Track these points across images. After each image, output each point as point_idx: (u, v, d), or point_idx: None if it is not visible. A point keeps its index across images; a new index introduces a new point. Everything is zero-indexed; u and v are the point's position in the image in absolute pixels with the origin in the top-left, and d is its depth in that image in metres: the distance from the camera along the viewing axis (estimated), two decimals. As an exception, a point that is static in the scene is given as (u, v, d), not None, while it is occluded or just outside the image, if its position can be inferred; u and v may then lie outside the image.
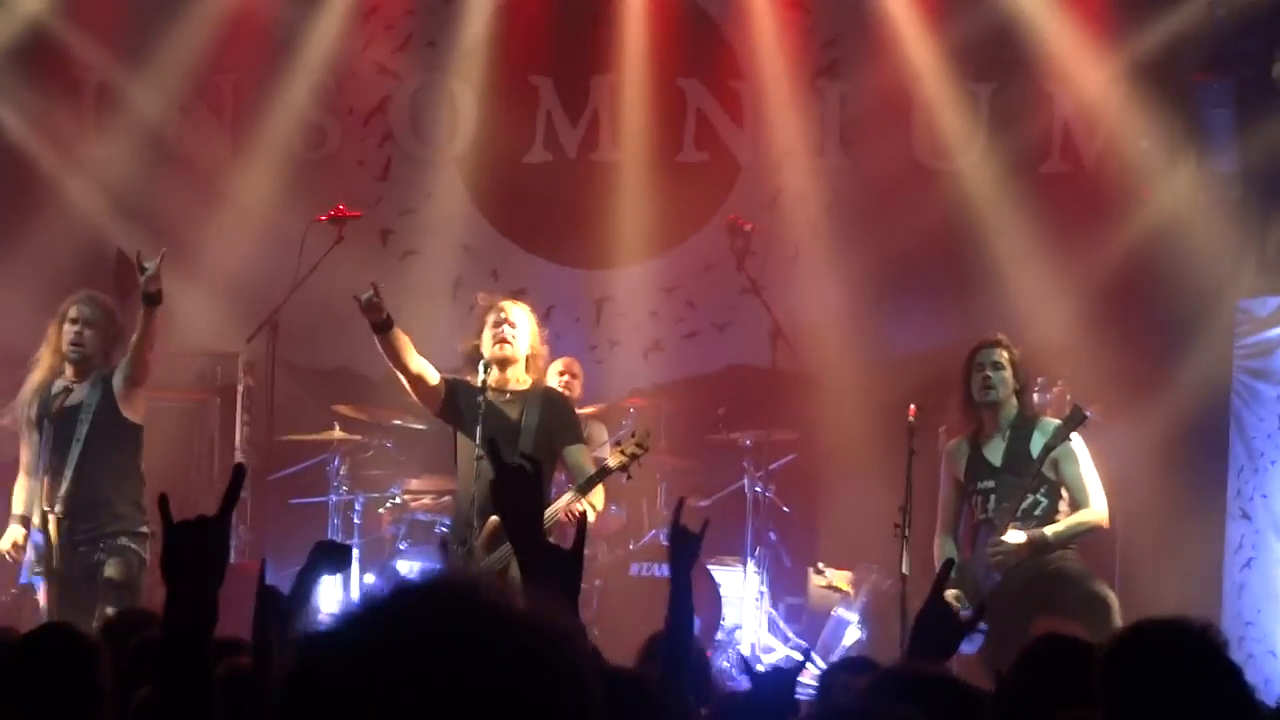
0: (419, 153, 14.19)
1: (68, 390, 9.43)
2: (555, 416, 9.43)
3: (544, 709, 1.65)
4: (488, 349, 9.19)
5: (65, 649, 4.29)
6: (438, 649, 1.66)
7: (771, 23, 13.85)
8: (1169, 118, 13.19)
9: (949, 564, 5.41)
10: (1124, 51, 13.15)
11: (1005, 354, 9.48)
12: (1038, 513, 9.16)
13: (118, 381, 8.92)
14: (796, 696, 4.34)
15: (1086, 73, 13.38)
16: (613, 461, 9.38)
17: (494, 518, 8.59)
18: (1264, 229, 12.73)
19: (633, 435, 9.76)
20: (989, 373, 9.40)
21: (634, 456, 9.34)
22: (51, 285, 12.59)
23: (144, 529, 8.79)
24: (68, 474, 8.72)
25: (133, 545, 8.88)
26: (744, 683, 5.23)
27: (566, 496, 9.08)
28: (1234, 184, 12.97)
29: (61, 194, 13.44)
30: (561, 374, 11.88)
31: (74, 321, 9.48)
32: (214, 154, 13.91)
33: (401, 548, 11.01)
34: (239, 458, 11.39)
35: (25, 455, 9.37)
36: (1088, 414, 8.67)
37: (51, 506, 8.70)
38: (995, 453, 9.35)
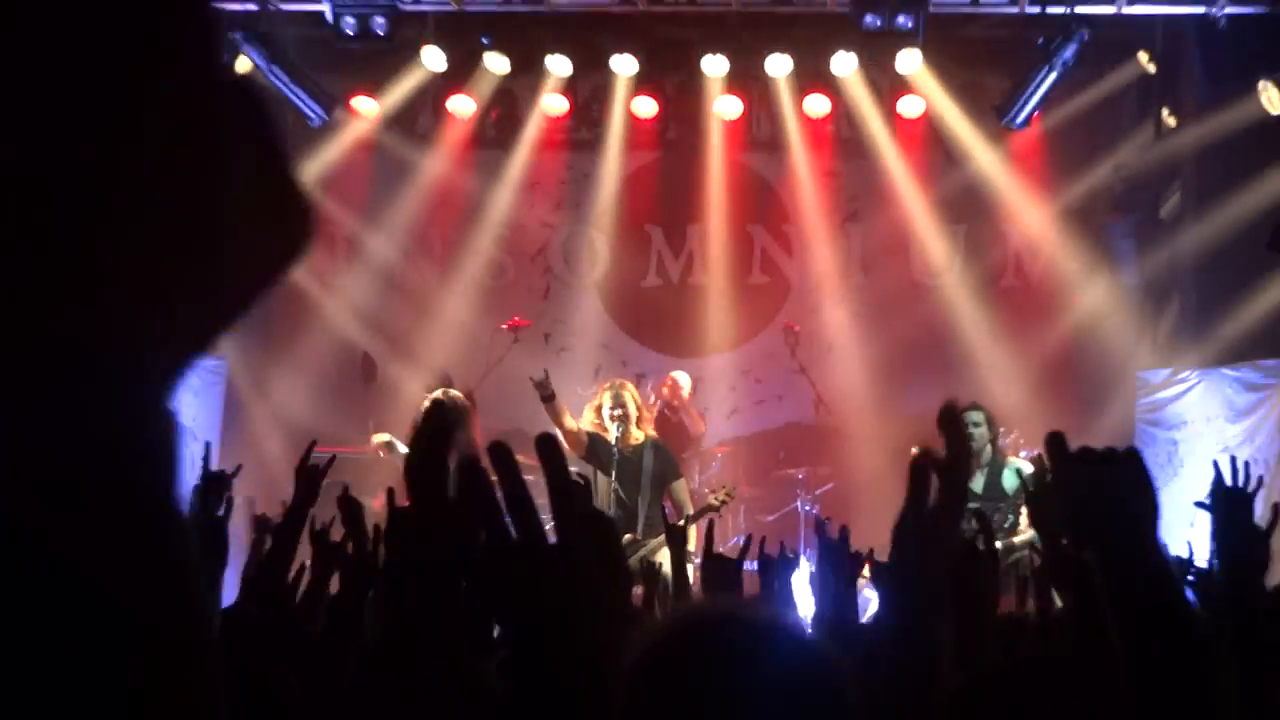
0: (569, 280, 15.42)
1: None
2: (663, 461, 10.64)
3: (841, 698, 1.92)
4: (610, 427, 10.53)
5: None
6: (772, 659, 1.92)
7: (811, 184, 15.01)
8: (1089, 246, 14.41)
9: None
10: (1057, 200, 14.41)
11: (981, 414, 10.54)
12: (1006, 526, 9.96)
13: None
14: None
15: (1031, 216, 14.64)
16: (714, 500, 10.42)
17: (626, 536, 10.10)
18: (1155, 323, 13.86)
19: (723, 487, 10.81)
20: (970, 429, 10.00)
21: (724, 503, 10.49)
22: (318, 377, 14.46)
23: None
24: None
25: None
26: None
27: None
28: (1134, 292, 14.20)
29: (322, 313, 14.62)
30: (665, 387, 13.16)
31: None
32: (427, 284, 15.13)
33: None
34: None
35: None
36: (1050, 474, 8.96)
37: None
38: (977, 484, 10.18)
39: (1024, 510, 9.75)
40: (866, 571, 5.31)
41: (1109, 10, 12.33)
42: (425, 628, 2.42)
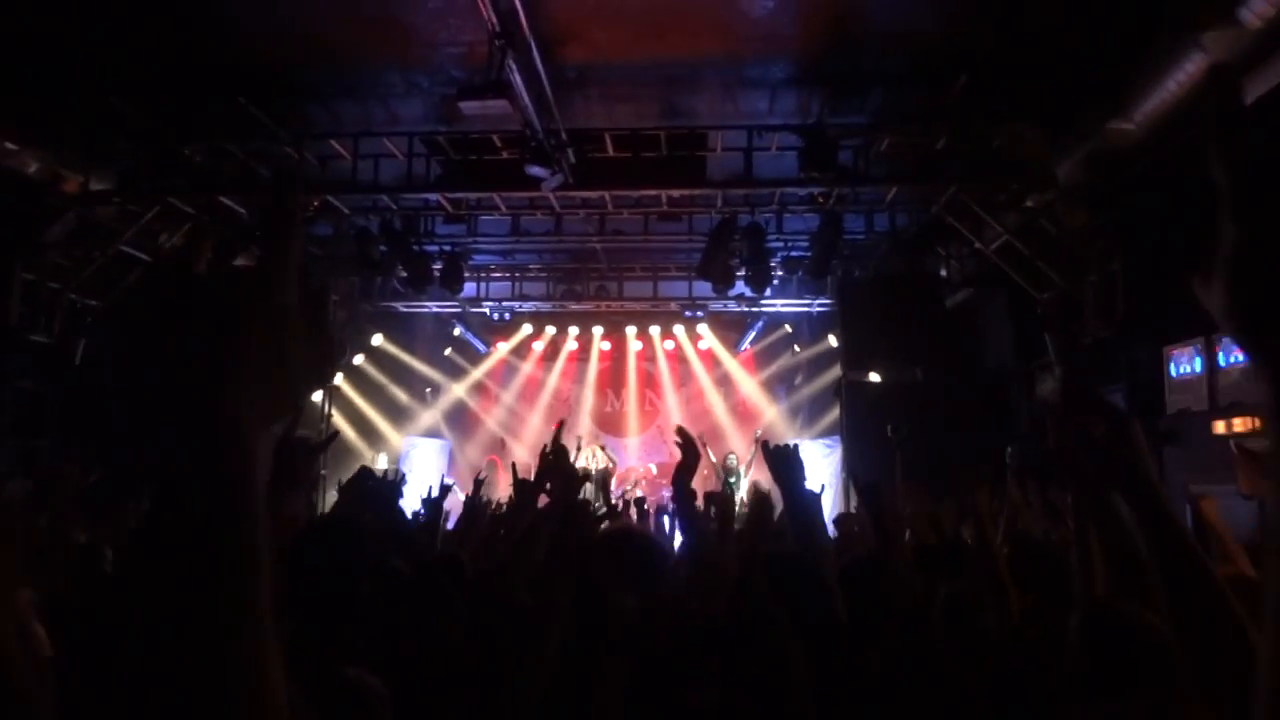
0: (577, 410, 19.84)
1: None
2: (601, 478, 15.06)
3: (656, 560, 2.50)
4: (590, 464, 14.69)
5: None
6: (629, 548, 2.52)
7: (668, 373, 19.88)
8: (771, 393, 19.28)
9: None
10: (758, 377, 19.38)
11: (734, 456, 15.02)
12: (741, 493, 13.74)
13: None
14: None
15: (748, 384, 19.46)
16: (630, 488, 14.77)
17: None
18: (794, 423, 18.73)
19: (636, 484, 16.15)
20: (728, 458, 14.88)
21: (635, 485, 15.10)
22: (481, 449, 19.64)
23: None
24: None
25: None
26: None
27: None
28: (786, 410, 19.27)
29: (485, 424, 20.08)
30: (642, 472, 17.99)
31: None
32: (524, 412, 20.00)
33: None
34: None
35: None
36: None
37: None
38: (733, 477, 14.65)
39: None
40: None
41: (772, 310, 17.32)
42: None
